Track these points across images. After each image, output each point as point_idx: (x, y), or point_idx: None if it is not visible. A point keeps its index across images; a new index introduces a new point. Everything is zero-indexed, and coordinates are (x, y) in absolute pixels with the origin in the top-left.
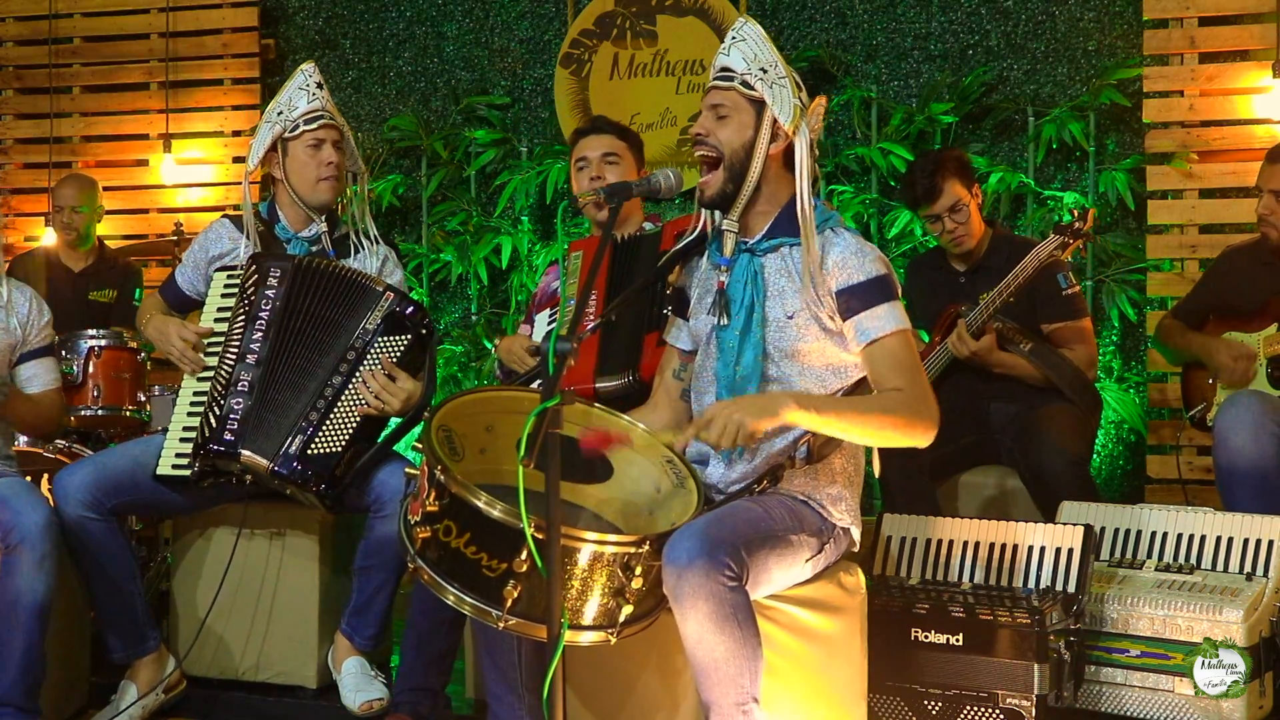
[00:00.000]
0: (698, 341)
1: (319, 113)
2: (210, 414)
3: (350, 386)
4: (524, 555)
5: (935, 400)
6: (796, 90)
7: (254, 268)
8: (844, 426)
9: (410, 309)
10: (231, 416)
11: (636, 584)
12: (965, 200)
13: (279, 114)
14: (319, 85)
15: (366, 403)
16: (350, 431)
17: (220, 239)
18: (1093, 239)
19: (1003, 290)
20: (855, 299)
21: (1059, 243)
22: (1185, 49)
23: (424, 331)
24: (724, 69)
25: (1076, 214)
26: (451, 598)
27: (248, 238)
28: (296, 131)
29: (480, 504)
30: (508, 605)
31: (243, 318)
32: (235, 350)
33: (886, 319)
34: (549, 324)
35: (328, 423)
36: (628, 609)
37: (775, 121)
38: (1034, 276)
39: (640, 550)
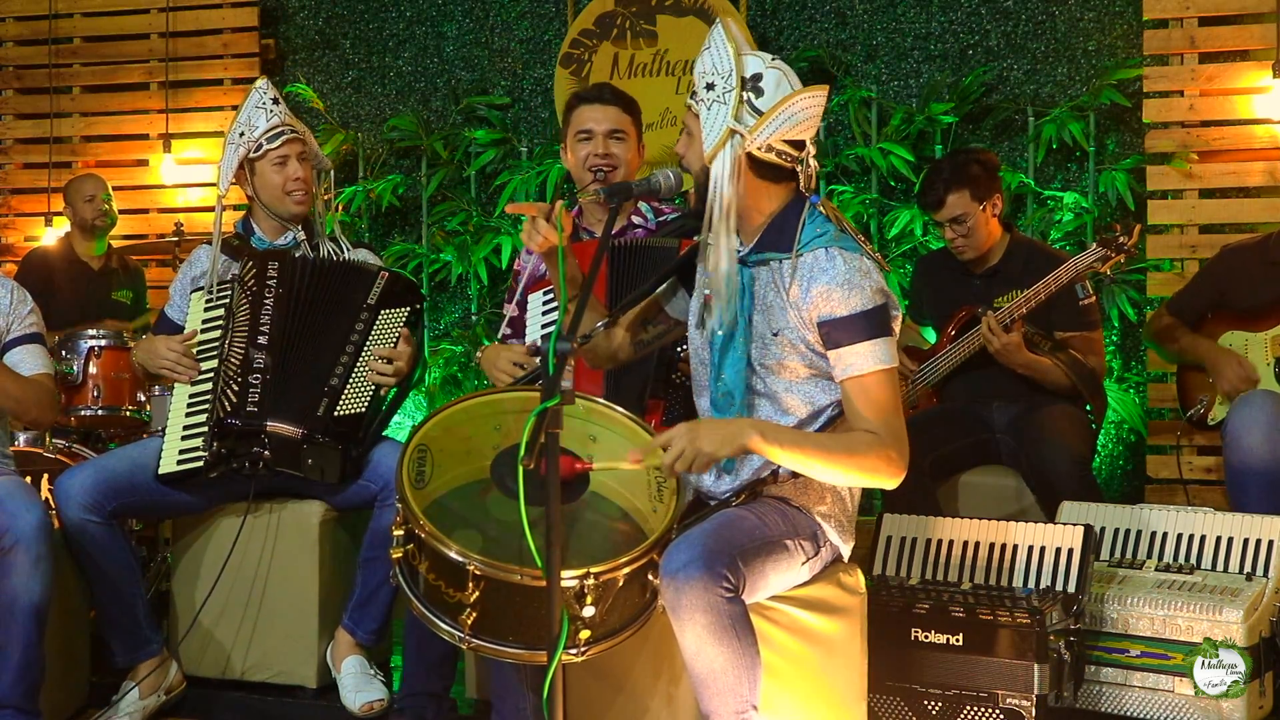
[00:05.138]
0: (679, 315)
1: (280, 128)
2: (227, 392)
3: (363, 354)
4: (470, 588)
5: (908, 443)
6: (742, 103)
7: (251, 264)
8: (805, 461)
9: (404, 284)
10: (252, 391)
11: (589, 612)
12: (971, 213)
13: (241, 135)
14: (275, 100)
15: (381, 369)
16: (370, 394)
17: (201, 261)
18: (1135, 255)
19: (1030, 297)
20: (836, 333)
21: (1100, 255)
22: (1185, 49)
23: (418, 304)
24: (692, 85)
25: (1120, 228)
26: (430, 624)
27: (216, 257)
28: (261, 151)
29: (431, 541)
30: (466, 629)
31: (247, 306)
32: (244, 335)
33: (866, 357)
34: (544, 306)
35: (349, 386)
36: (585, 633)
37: (737, 136)
38: (1066, 285)
39: (586, 584)
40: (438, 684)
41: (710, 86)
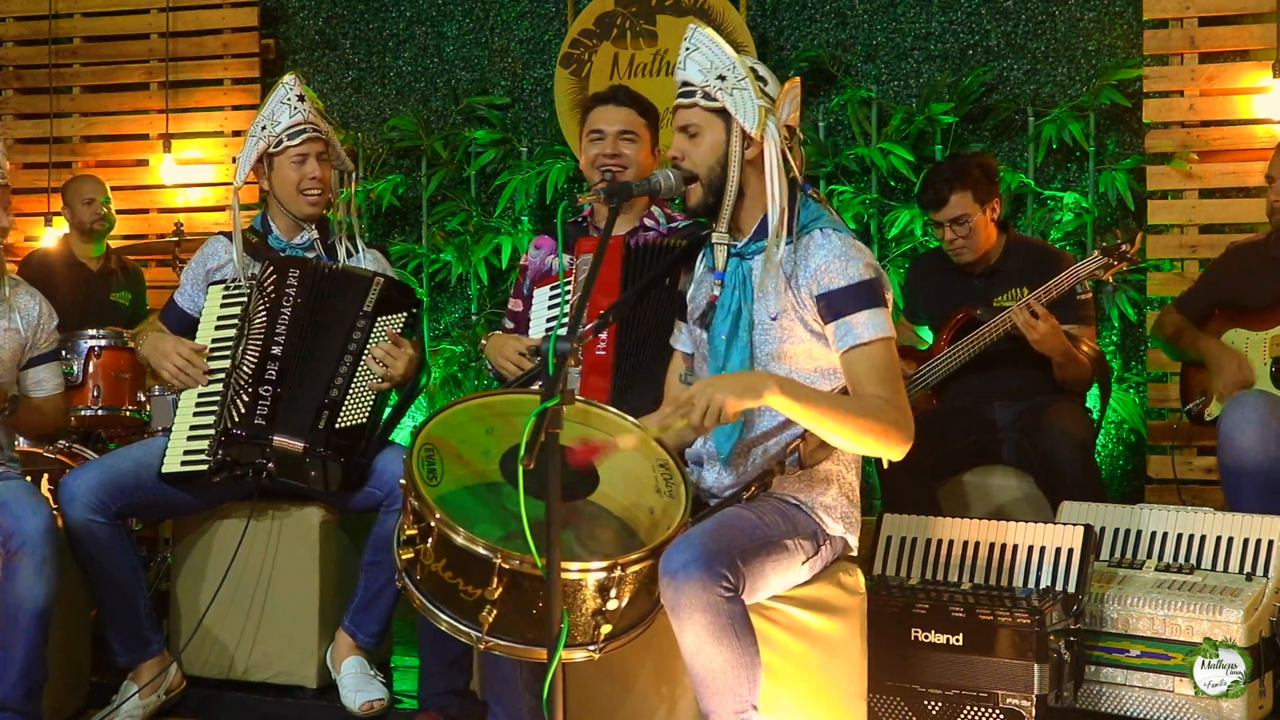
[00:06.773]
0: (700, 345)
1: (301, 126)
2: (237, 401)
3: (362, 363)
4: (495, 584)
5: (911, 415)
6: (759, 88)
7: (272, 268)
8: (821, 420)
9: (400, 288)
10: (261, 403)
11: (613, 605)
12: (972, 214)
13: (262, 128)
14: (300, 98)
15: (379, 375)
16: (370, 405)
17: (217, 253)
18: (1137, 263)
19: (1032, 302)
20: (835, 304)
21: (1103, 263)
22: (1185, 49)
23: (415, 308)
24: (684, 84)
25: (1122, 235)
26: (444, 625)
27: (240, 253)
28: (280, 147)
29: (455, 537)
30: (485, 629)
31: (264, 314)
32: (259, 343)
33: (866, 326)
34: (550, 301)
35: (349, 397)
36: (607, 628)
37: (771, 115)
38: (1067, 291)
39: (613, 575)
40: (459, 679)
41: (722, 78)
